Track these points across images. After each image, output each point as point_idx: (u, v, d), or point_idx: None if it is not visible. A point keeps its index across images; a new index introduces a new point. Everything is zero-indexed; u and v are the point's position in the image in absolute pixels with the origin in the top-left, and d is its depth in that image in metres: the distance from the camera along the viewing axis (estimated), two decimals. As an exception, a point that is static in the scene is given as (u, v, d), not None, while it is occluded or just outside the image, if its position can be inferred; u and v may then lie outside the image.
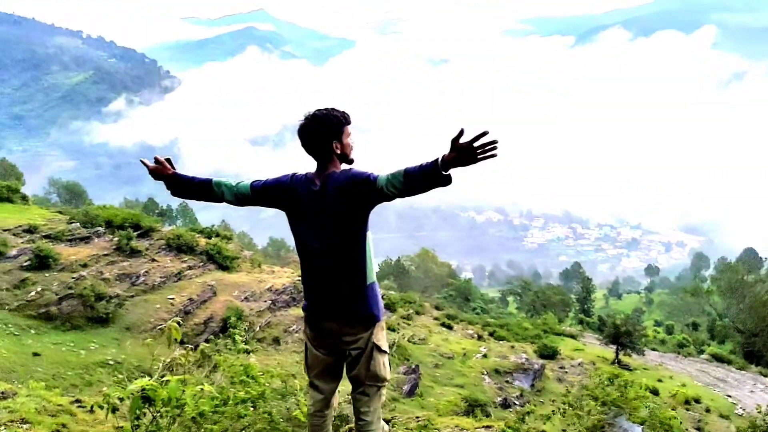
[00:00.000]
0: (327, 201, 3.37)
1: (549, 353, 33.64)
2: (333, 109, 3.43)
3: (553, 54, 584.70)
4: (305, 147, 3.46)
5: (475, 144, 2.88)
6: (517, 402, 23.96)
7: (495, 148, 2.91)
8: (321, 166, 3.46)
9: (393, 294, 43.01)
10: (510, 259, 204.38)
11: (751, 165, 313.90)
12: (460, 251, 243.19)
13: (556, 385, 27.83)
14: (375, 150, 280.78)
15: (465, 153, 2.90)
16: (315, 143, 3.42)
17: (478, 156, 2.91)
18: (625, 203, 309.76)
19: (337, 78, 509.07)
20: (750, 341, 50.63)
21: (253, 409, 4.62)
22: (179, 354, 4.48)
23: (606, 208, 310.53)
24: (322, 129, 3.39)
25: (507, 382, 26.95)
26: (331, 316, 3.55)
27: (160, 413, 3.94)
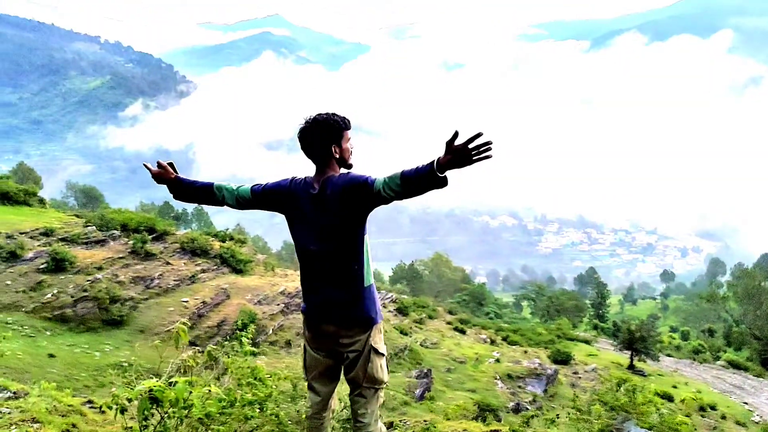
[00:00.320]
0: (325, 204, 3.41)
1: (562, 358, 33.45)
2: (334, 114, 3.45)
3: (568, 58, 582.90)
4: (305, 150, 3.50)
5: (470, 146, 2.89)
6: (530, 407, 23.81)
7: (490, 149, 2.91)
8: (320, 169, 3.50)
9: (405, 298, 42.96)
10: (524, 264, 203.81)
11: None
12: (473, 256, 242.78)
13: (569, 391, 27.60)
14: (389, 154, 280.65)
15: (460, 155, 2.91)
16: (314, 147, 3.46)
17: (473, 158, 2.92)
18: (641, 208, 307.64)
19: (352, 82, 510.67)
20: (767, 348, 50.01)
21: (261, 411, 4.65)
22: (187, 356, 4.52)
23: (621, 212, 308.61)
24: (321, 133, 3.42)
25: (519, 387, 26.78)
26: (329, 318, 3.58)
27: (167, 414, 3.98)
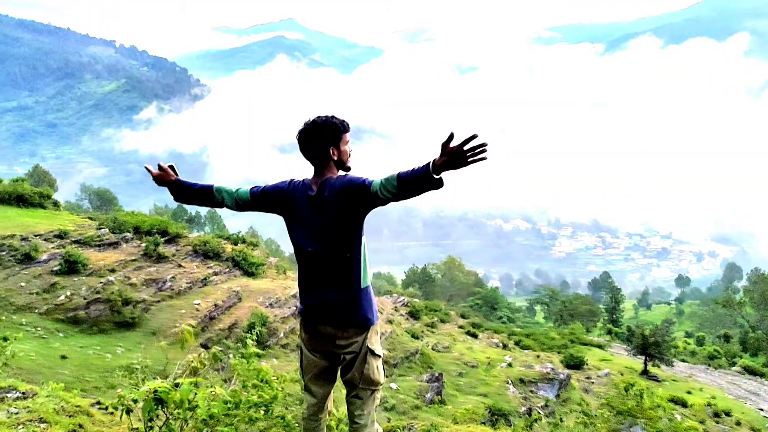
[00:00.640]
0: (323, 205, 3.44)
1: (575, 363, 33.25)
2: (333, 117, 3.52)
3: (583, 61, 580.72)
4: (303, 152, 3.55)
5: (465, 147, 2.92)
6: (542, 412, 23.68)
7: (484, 151, 2.94)
8: (318, 171, 3.55)
9: (417, 302, 42.90)
10: (537, 268, 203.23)
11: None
12: (486, 260, 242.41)
13: (581, 396, 27.47)
14: (402, 157, 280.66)
15: (455, 156, 2.94)
16: (313, 148, 3.51)
17: (468, 159, 2.94)
18: (656, 212, 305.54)
19: (365, 86, 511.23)
20: (784, 354, 49.53)
21: (267, 414, 4.66)
22: (192, 357, 4.53)
23: (636, 217, 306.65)
24: (320, 135, 3.48)
25: (532, 391, 26.63)
26: (326, 319, 3.60)
27: (172, 415, 3.99)
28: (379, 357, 3.73)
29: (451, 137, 2.91)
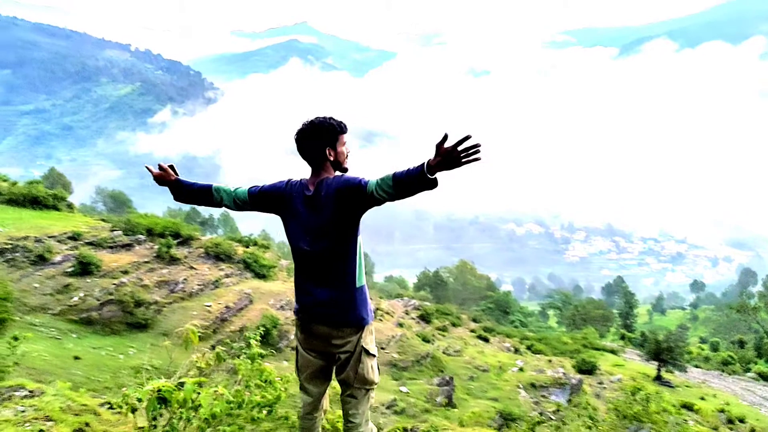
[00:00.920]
0: (319, 205, 3.47)
1: (587, 368, 33.07)
2: (330, 118, 3.55)
3: (596, 65, 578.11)
4: (300, 152, 3.61)
5: (459, 148, 2.94)
6: (553, 417, 23.56)
7: (478, 151, 2.96)
8: (315, 171, 3.59)
9: (428, 305, 42.79)
10: (550, 273, 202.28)
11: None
12: (499, 263, 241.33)
13: (593, 401, 27.29)
14: (413, 160, 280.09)
15: (449, 157, 2.96)
16: (309, 149, 3.55)
17: (461, 160, 2.97)
18: (670, 217, 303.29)
19: (377, 89, 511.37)
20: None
21: (270, 414, 4.68)
22: (197, 357, 4.57)
23: (650, 221, 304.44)
24: (317, 135, 3.52)
25: (543, 396, 26.52)
26: (322, 319, 3.62)
27: (176, 414, 4.03)
28: (374, 356, 3.75)
29: (446, 138, 2.95)
